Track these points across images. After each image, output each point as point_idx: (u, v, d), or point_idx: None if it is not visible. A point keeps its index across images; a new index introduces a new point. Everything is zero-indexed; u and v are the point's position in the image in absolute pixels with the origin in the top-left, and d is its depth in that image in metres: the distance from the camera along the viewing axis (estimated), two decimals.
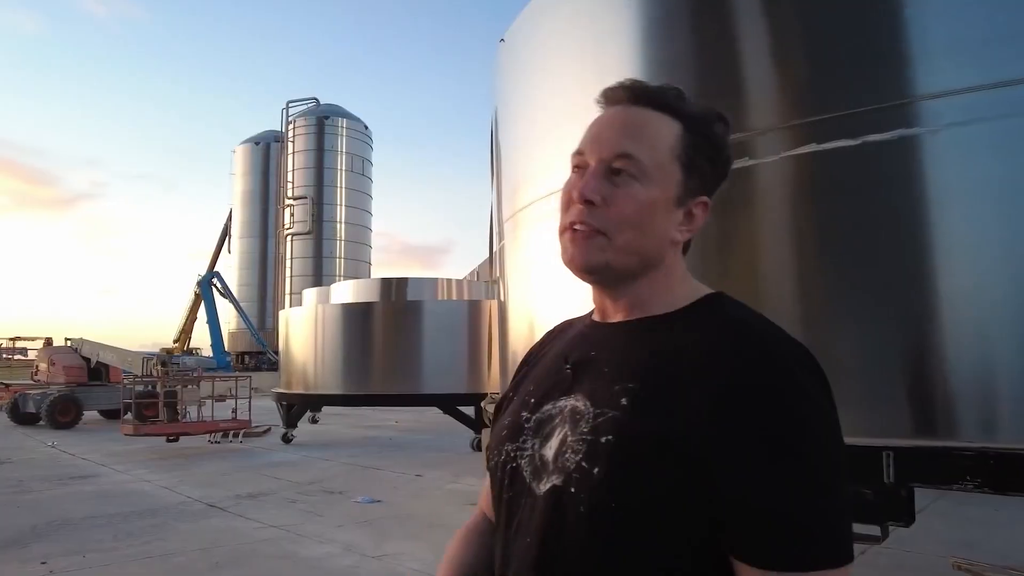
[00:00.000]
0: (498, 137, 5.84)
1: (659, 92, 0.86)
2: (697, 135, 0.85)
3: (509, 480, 0.86)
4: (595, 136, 0.86)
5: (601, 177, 0.83)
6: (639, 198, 0.82)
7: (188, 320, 33.07)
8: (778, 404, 0.72)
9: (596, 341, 0.89)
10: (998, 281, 2.62)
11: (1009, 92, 2.64)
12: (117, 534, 5.98)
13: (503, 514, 0.87)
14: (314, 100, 42.59)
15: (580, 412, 0.82)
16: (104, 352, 17.39)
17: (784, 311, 2.98)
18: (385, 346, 12.74)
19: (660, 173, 0.83)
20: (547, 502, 0.79)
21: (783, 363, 0.76)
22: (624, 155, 0.82)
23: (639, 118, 0.85)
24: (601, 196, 0.82)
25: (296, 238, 40.00)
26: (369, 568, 4.94)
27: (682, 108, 0.86)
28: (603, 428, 0.77)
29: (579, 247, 0.83)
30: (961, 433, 2.56)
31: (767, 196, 3.25)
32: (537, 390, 0.91)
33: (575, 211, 0.84)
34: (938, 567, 4.58)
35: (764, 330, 0.80)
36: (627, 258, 0.83)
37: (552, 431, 0.84)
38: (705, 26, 3.52)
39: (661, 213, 0.84)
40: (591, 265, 0.84)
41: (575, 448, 0.79)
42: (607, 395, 0.80)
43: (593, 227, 0.82)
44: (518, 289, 5.20)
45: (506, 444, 0.89)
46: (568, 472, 0.78)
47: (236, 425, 12.86)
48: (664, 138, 0.84)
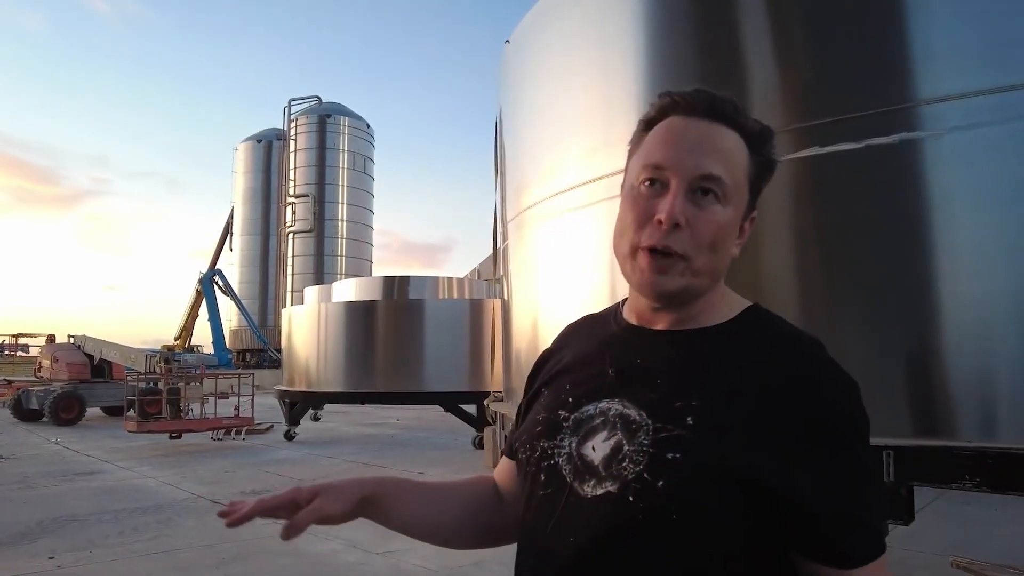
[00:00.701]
0: (503, 138, 5.88)
1: (727, 106, 0.85)
2: (760, 155, 0.86)
3: (546, 477, 0.86)
4: (677, 153, 0.83)
5: (686, 198, 0.81)
6: (721, 221, 0.82)
7: (189, 317, 33.10)
8: (842, 413, 0.79)
9: (641, 348, 0.88)
10: (998, 284, 2.66)
11: (1012, 96, 2.67)
12: (123, 530, 6.03)
13: (537, 509, 0.86)
14: (316, 98, 42.67)
15: (635, 422, 0.81)
16: (107, 349, 17.44)
17: (786, 312, 3.01)
18: (387, 344, 12.78)
19: (737, 195, 0.84)
20: (601, 507, 0.79)
21: (838, 373, 0.82)
22: (710, 176, 0.81)
23: (718, 136, 0.83)
24: (686, 218, 0.81)
25: (298, 236, 40.06)
26: (374, 564, 4.99)
27: (746, 126, 0.86)
28: (667, 444, 0.78)
29: (661, 276, 0.82)
30: (960, 433, 2.59)
31: (770, 198, 3.28)
32: (575, 389, 0.90)
33: (656, 233, 0.81)
34: (938, 566, 4.62)
35: (815, 343, 0.85)
36: (703, 280, 0.84)
37: (592, 431, 0.84)
38: (709, 29, 3.55)
39: (733, 233, 0.85)
40: (670, 292, 0.83)
41: (634, 459, 0.79)
42: (668, 410, 0.80)
43: (675, 251, 0.81)
44: (522, 288, 5.24)
45: (541, 440, 0.89)
46: (625, 481, 0.79)
47: (239, 422, 12.91)
48: (739, 159, 0.84)
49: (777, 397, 0.78)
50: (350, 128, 42.72)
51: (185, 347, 32.36)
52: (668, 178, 0.83)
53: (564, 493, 0.83)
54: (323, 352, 12.98)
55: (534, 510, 0.88)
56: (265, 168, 44.23)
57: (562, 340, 1.04)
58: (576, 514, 0.81)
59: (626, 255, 0.85)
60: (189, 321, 33.23)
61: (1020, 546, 5.10)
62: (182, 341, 33.25)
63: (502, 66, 5.68)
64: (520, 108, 5.27)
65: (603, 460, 0.81)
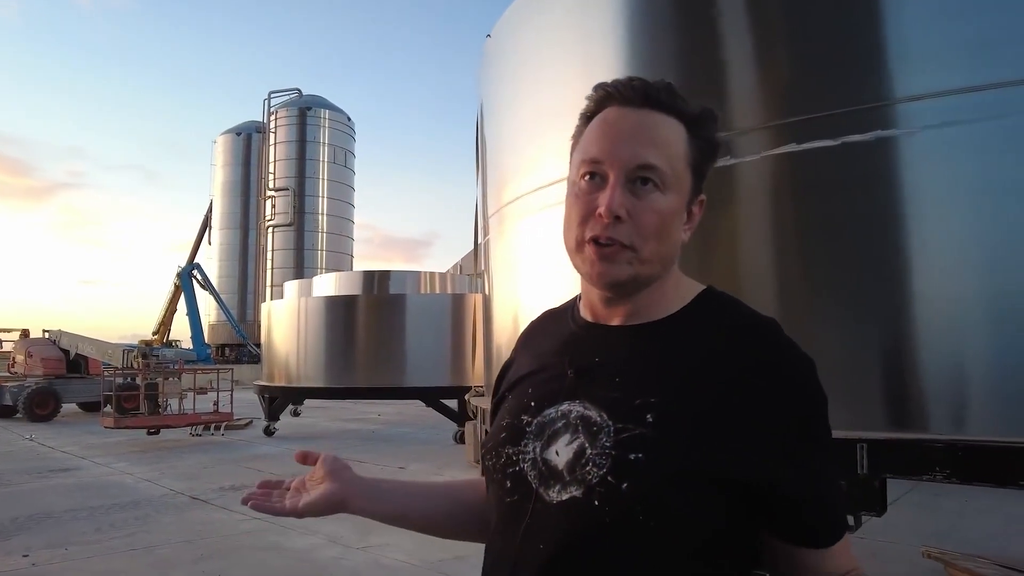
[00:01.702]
0: (484, 132, 5.87)
1: (663, 93, 0.84)
2: (700, 138, 0.86)
3: (512, 484, 0.85)
4: (612, 145, 0.83)
5: (625, 189, 0.81)
6: (663, 208, 0.82)
7: (168, 312, 32.68)
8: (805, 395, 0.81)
9: (597, 345, 0.88)
10: (970, 281, 2.71)
11: (984, 96, 2.72)
12: (100, 526, 5.97)
13: (504, 516, 0.86)
14: (296, 91, 42.29)
15: (596, 423, 0.81)
16: (83, 344, 17.22)
17: (764, 307, 3.03)
18: (368, 339, 12.74)
19: (677, 181, 0.83)
20: (568, 512, 0.79)
21: (798, 357, 0.83)
22: (647, 166, 0.81)
23: (653, 124, 0.83)
24: (627, 210, 0.81)
25: (277, 230, 39.73)
26: (354, 559, 4.98)
27: (684, 109, 0.85)
28: (629, 444, 0.78)
29: (607, 264, 0.82)
30: (932, 426, 2.65)
31: (748, 195, 3.32)
32: (537, 392, 0.90)
33: (598, 225, 0.81)
34: (910, 556, 4.70)
35: (772, 327, 0.85)
36: (651, 268, 0.83)
37: (555, 435, 0.83)
38: (689, 25, 3.57)
39: (678, 219, 0.85)
40: (620, 281, 0.83)
41: (597, 462, 0.78)
42: (628, 409, 0.80)
43: (620, 242, 0.81)
44: (503, 283, 5.25)
45: (506, 447, 0.88)
46: (590, 485, 0.78)
47: (218, 418, 12.83)
48: (677, 145, 0.84)
49: (740, 385, 0.79)
50: (330, 121, 42.41)
51: (163, 342, 31.95)
52: (606, 171, 0.83)
53: (531, 500, 0.83)
54: (303, 347, 12.90)
55: (502, 518, 0.87)
56: (244, 161, 43.80)
57: (523, 341, 1.04)
58: (544, 520, 0.81)
59: (573, 249, 0.85)
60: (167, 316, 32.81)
61: (989, 536, 5.21)
62: (160, 336, 32.84)
63: (483, 60, 5.67)
64: (501, 103, 5.27)
65: (567, 464, 0.81)
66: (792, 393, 0.80)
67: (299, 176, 40.62)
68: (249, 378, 20.09)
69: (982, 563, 4.21)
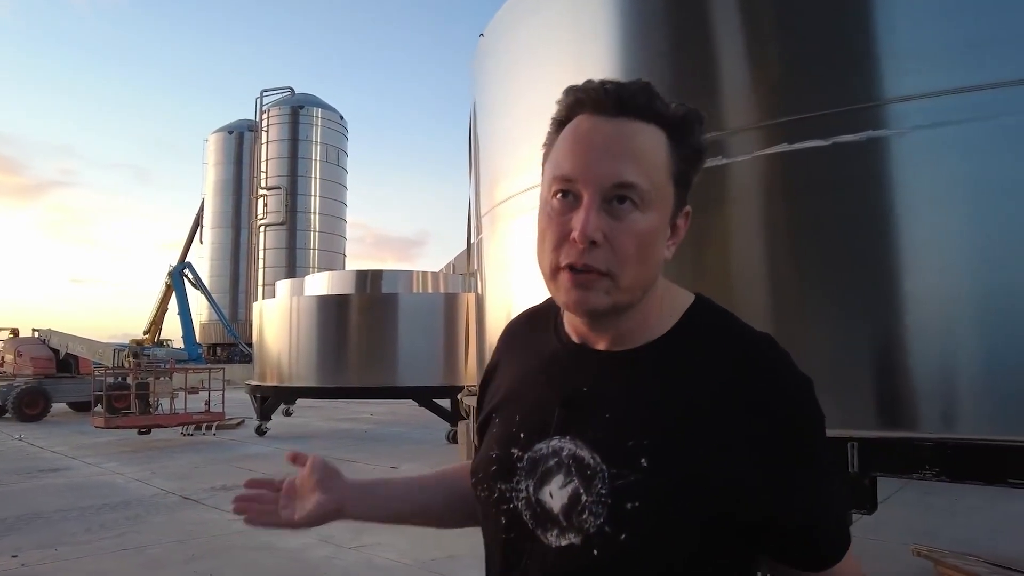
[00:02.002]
0: (477, 131, 5.87)
1: (639, 96, 0.77)
2: (683, 145, 0.79)
3: (507, 521, 0.83)
4: (586, 161, 0.75)
5: (600, 211, 0.74)
6: (642, 230, 0.75)
7: (159, 311, 32.52)
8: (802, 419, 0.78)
9: (586, 374, 0.82)
10: (960, 280, 2.73)
11: (972, 97, 2.74)
12: (90, 527, 5.94)
13: (502, 554, 0.84)
14: (289, 89, 42.16)
15: (589, 466, 0.77)
16: (73, 343, 17.13)
17: (756, 307, 3.07)
18: (360, 338, 12.72)
19: (659, 197, 0.77)
20: (567, 559, 0.77)
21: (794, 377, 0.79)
22: (624, 184, 0.74)
23: (630, 134, 0.76)
24: (603, 233, 0.74)
25: (269, 229, 39.60)
26: (346, 559, 4.97)
27: (664, 113, 0.77)
28: (625, 493, 0.75)
29: (583, 292, 0.75)
30: (922, 424, 2.66)
31: (740, 195, 3.33)
32: (525, 423, 0.85)
33: (573, 252, 0.74)
34: (900, 554, 4.73)
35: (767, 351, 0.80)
36: (631, 295, 0.77)
37: (548, 474, 0.80)
38: (682, 25, 3.58)
39: (660, 238, 0.78)
40: (597, 310, 0.77)
41: (593, 511, 0.75)
42: (621, 452, 0.76)
43: (597, 269, 0.74)
44: (496, 283, 5.25)
45: (498, 482, 0.84)
46: (587, 534, 0.75)
47: (209, 417, 12.78)
48: (657, 156, 0.76)
49: (739, 423, 0.75)
50: (323, 120, 42.29)
51: (154, 341, 31.80)
52: (579, 190, 0.75)
53: (528, 541, 0.80)
54: (295, 346, 12.87)
55: (501, 554, 0.85)
56: (236, 160, 43.62)
57: (506, 341, 1.00)
58: (543, 564, 0.79)
59: (548, 276, 0.79)
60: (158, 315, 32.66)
61: (978, 534, 5.25)
62: (151, 335, 32.68)
63: (476, 59, 5.67)
64: (494, 102, 5.27)
65: (563, 509, 0.78)
66: (793, 428, 0.77)
67: (291, 175, 40.49)
68: (241, 378, 20.02)
69: (971, 561, 4.24)
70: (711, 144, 3.27)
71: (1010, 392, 2.56)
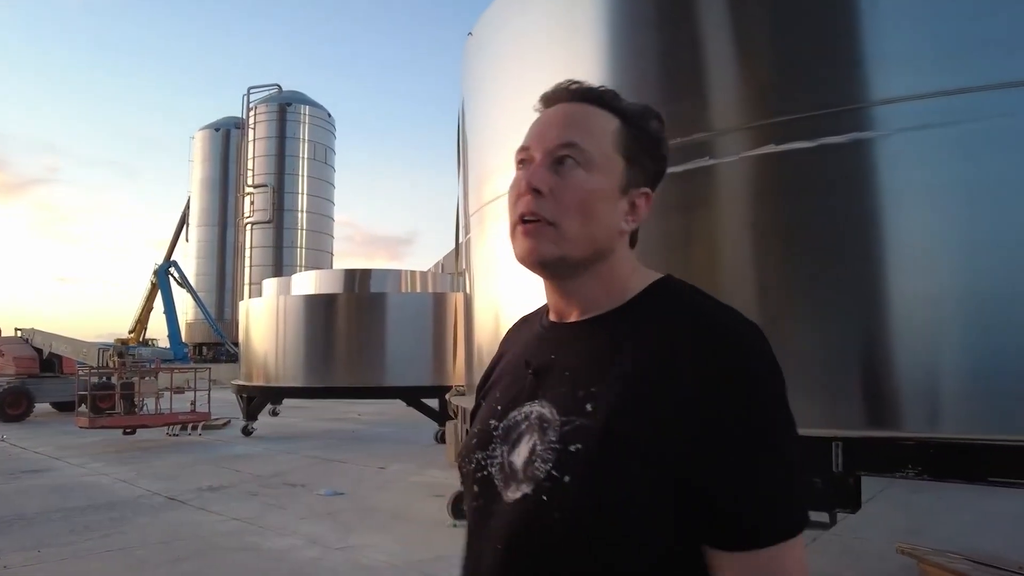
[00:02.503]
0: (465, 130, 5.87)
1: (595, 90, 0.88)
2: (636, 128, 0.87)
3: (480, 488, 0.87)
4: (539, 131, 0.87)
5: (548, 168, 0.84)
6: (585, 185, 0.83)
7: (144, 310, 32.25)
8: (739, 394, 0.75)
9: (555, 344, 0.89)
10: (943, 282, 2.76)
11: (956, 100, 2.77)
12: (74, 528, 5.88)
13: (474, 522, 0.88)
14: (276, 86, 41.90)
15: (547, 420, 0.82)
16: (57, 343, 16.96)
17: (743, 306, 3.08)
18: (348, 338, 12.66)
19: (604, 161, 0.85)
20: (519, 510, 0.80)
21: (740, 348, 0.77)
22: (568, 144, 0.84)
23: (580, 111, 0.87)
24: (548, 186, 0.83)
25: (256, 227, 39.33)
26: (333, 560, 4.95)
27: (619, 105, 0.88)
28: (571, 436, 0.78)
29: (532, 240, 0.83)
30: (905, 424, 2.69)
31: (727, 195, 3.35)
32: (503, 397, 0.92)
33: (523, 202, 0.84)
34: (884, 552, 4.78)
35: (718, 316, 0.81)
36: (579, 248, 0.83)
37: (519, 437, 0.84)
38: (672, 26, 3.60)
39: (607, 201, 0.85)
40: (545, 259, 0.84)
41: (544, 457, 0.79)
42: (572, 402, 0.81)
43: (543, 217, 0.83)
44: (484, 282, 5.25)
45: (476, 452, 0.89)
46: (538, 481, 0.78)
47: (195, 417, 12.68)
48: (606, 129, 0.86)
49: (678, 377, 0.76)
50: (311, 117, 42.08)
51: (139, 341, 31.55)
52: (533, 155, 0.86)
53: (496, 503, 0.84)
54: (282, 346, 12.80)
55: (472, 521, 0.89)
56: (223, 157, 43.35)
57: (501, 347, 1.06)
58: (501, 520, 0.82)
59: (511, 234, 0.87)
60: (144, 314, 32.38)
61: (960, 532, 5.30)
62: (136, 334, 32.40)
63: (465, 58, 5.67)
64: (482, 100, 5.27)
65: (522, 463, 0.82)
66: (724, 396, 0.75)
67: (278, 173, 40.25)
68: (227, 377, 19.89)
69: (953, 558, 4.28)
70: (699, 145, 3.29)
71: (991, 392, 2.60)
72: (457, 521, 5.51)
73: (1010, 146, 2.70)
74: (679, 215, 3.32)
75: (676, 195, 3.33)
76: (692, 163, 3.27)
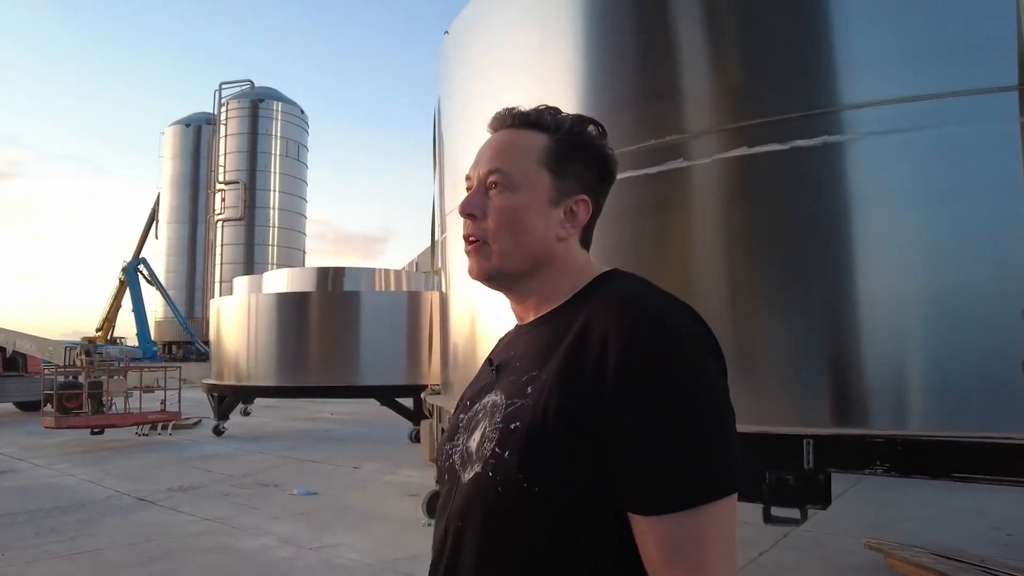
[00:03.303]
0: (441, 128, 5.86)
1: (527, 113, 0.97)
2: (561, 141, 0.95)
3: (447, 476, 0.95)
4: (476, 160, 0.98)
5: (480, 194, 0.95)
6: (507, 205, 0.93)
7: (112, 308, 31.71)
8: (645, 361, 0.79)
9: (514, 343, 0.99)
10: (910, 282, 2.82)
11: (922, 106, 2.84)
12: (39, 531, 5.77)
13: (440, 507, 0.95)
14: (248, 82, 41.39)
15: (497, 405, 0.90)
16: (21, 341, 16.59)
17: (714, 306, 3.13)
18: (321, 337, 12.57)
19: (526, 181, 0.93)
20: (471, 487, 0.87)
21: (652, 323, 0.82)
22: (494, 171, 0.94)
23: (507, 137, 0.97)
24: (480, 209, 0.94)
25: (227, 224, 38.83)
26: (307, 560, 4.93)
27: (549, 122, 0.96)
28: (512, 416, 0.86)
29: (472, 259, 0.95)
30: (873, 421, 2.75)
31: (700, 196, 3.39)
32: (470, 392, 1.02)
33: (464, 226, 0.95)
34: (853, 547, 4.88)
35: (644, 297, 0.87)
36: (512, 262, 0.93)
37: (476, 425, 0.93)
38: (646, 29, 3.63)
39: (534, 215, 0.93)
40: (485, 273, 0.95)
41: (491, 437, 0.87)
42: (518, 387, 0.89)
43: (479, 238, 0.94)
44: (460, 281, 5.25)
45: (446, 444, 0.99)
46: (485, 459, 0.86)
47: (165, 417, 12.49)
48: (529, 150, 0.94)
49: (594, 359, 0.81)
50: (283, 113, 41.65)
51: (107, 339, 31.00)
52: (472, 183, 0.98)
53: (456, 484, 0.91)
54: (253, 345, 12.65)
55: (438, 508, 0.96)
56: (194, 153, 42.76)
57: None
58: (458, 499, 0.90)
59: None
60: (112, 312, 31.84)
61: (926, 527, 5.43)
62: (104, 333, 31.84)
63: (441, 56, 5.66)
64: (458, 99, 5.27)
65: (476, 446, 0.90)
66: (632, 370, 0.79)
67: (250, 169, 39.78)
68: (197, 376, 19.62)
69: (919, 552, 4.39)
70: (672, 147, 3.33)
71: (954, 391, 2.67)
72: (432, 520, 5.50)
73: (970, 152, 2.77)
74: (652, 216, 3.36)
75: (649, 196, 3.36)
76: (665, 165, 3.31)
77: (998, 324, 2.60)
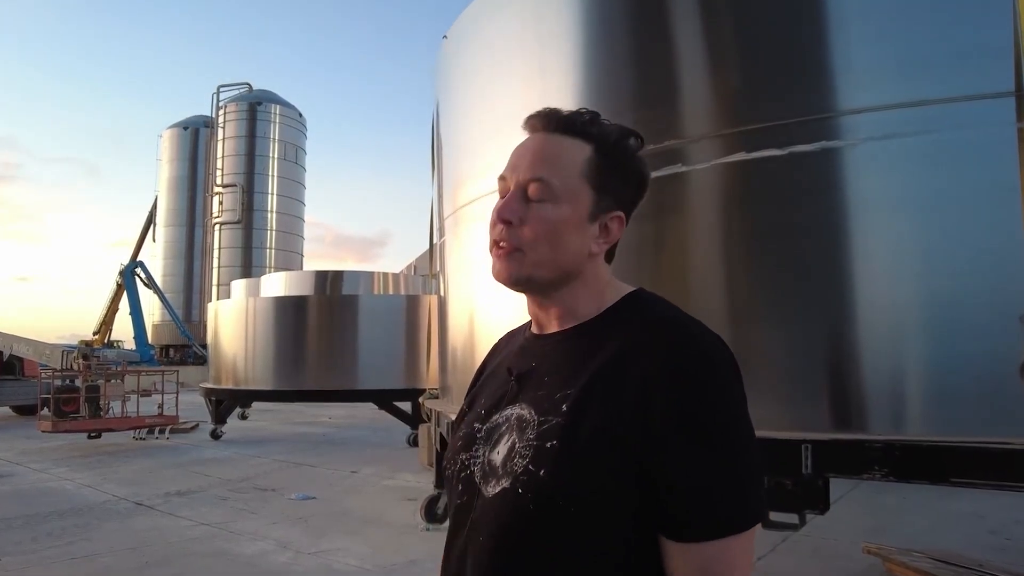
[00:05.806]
0: (440, 133, 5.87)
1: (572, 118, 0.94)
2: (606, 156, 0.93)
3: (462, 487, 0.93)
4: (514, 163, 0.94)
5: (518, 199, 0.91)
6: (549, 218, 0.90)
7: (109, 311, 31.56)
8: (692, 389, 0.81)
9: (536, 353, 0.97)
10: (909, 288, 2.83)
11: (921, 111, 2.85)
12: (36, 535, 5.74)
13: (456, 516, 0.94)
14: (247, 85, 41.38)
15: (526, 420, 0.89)
16: (18, 344, 16.50)
17: (713, 311, 3.14)
18: (319, 341, 12.54)
19: (570, 194, 0.91)
20: (499, 503, 0.86)
21: (697, 351, 0.84)
22: (537, 179, 0.91)
23: (552, 144, 0.93)
24: (518, 217, 0.91)
25: (225, 227, 38.74)
26: (305, 565, 4.91)
27: (593, 131, 0.93)
28: (547, 434, 0.85)
29: (502, 263, 0.92)
30: (871, 427, 2.76)
31: (699, 201, 3.40)
32: (487, 402, 0.99)
33: (497, 230, 0.92)
34: (851, 552, 4.88)
35: (682, 323, 0.88)
36: (544, 271, 0.91)
37: (500, 438, 0.91)
38: (644, 34, 3.64)
39: (573, 230, 0.91)
40: (513, 278, 0.92)
41: (522, 453, 0.85)
42: (551, 403, 0.87)
43: (512, 244, 0.91)
44: (459, 285, 5.25)
45: (460, 454, 0.96)
46: (515, 475, 0.85)
47: (162, 421, 12.45)
48: (574, 162, 0.92)
49: (639, 382, 0.82)
50: (281, 117, 41.59)
51: (105, 342, 30.89)
52: (508, 185, 0.94)
53: (476, 498, 0.90)
54: (251, 349, 12.63)
55: (454, 518, 0.95)
56: (192, 156, 42.67)
57: (487, 359, 1.13)
58: (483, 514, 0.88)
59: (490, 251, 0.95)
60: (109, 315, 31.70)
61: (924, 531, 5.43)
62: (101, 336, 31.69)
63: (440, 61, 5.67)
64: (457, 104, 5.27)
65: (502, 460, 0.88)
66: (684, 387, 0.81)
67: (248, 172, 39.70)
68: (195, 380, 19.58)
69: (917, 556, 4.39)
70: (671, 152, 3.34)
71: (953, 395, 2.67)
72: (430, 525, 5.49)
73: (968, 156, 2.78)
74: (651, 221, 3.36)
75: (648, 201, 3.35)
76: (664, 170, 3.32)
77: (996, 330, 2.60)
